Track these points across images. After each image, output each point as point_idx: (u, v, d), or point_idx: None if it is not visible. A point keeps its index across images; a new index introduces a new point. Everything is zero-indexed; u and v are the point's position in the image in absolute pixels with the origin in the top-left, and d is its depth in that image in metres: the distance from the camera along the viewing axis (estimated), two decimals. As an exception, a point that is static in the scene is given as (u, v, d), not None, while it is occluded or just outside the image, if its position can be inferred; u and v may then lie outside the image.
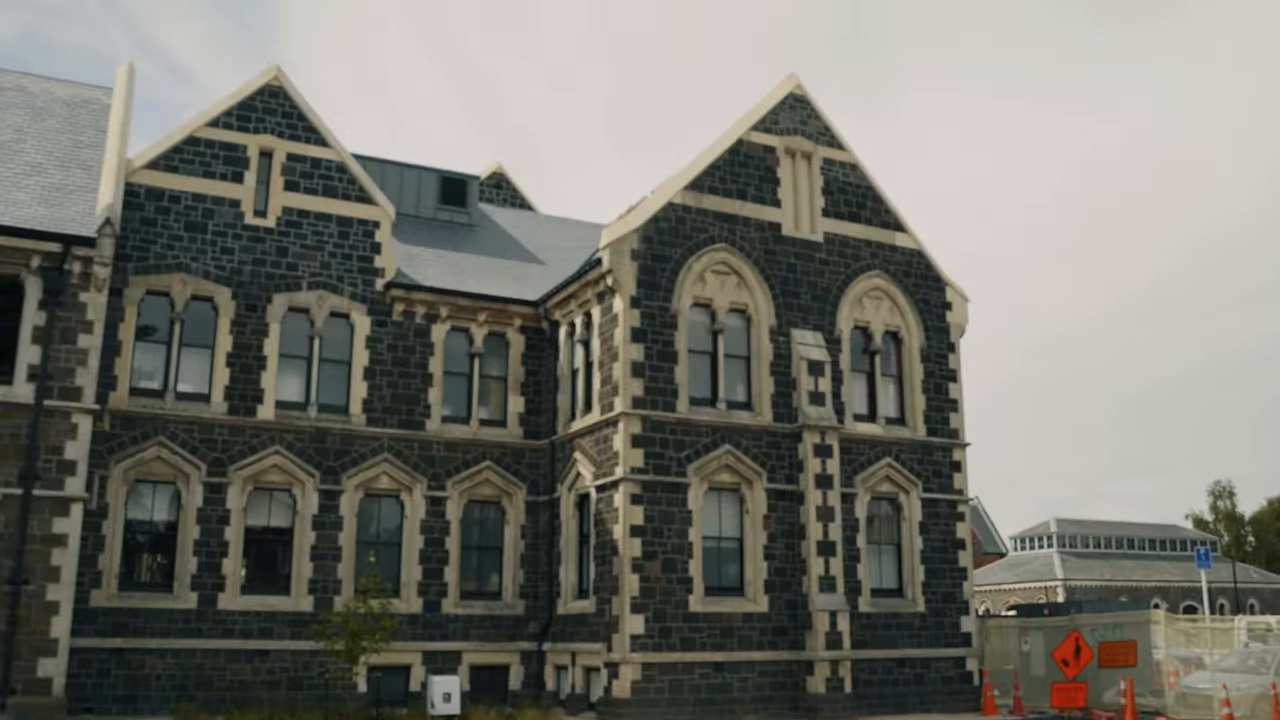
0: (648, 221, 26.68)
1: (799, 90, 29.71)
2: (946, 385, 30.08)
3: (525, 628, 28.34)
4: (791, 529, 26.76)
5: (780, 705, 25.57)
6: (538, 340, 30.09)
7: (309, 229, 27.99)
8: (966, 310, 30.93)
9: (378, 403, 27.85)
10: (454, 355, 29.15)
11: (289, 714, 22.25)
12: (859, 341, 29.33)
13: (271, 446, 26.50)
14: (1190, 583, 74.28)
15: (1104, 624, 28.64)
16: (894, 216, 30.36)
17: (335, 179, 28.58)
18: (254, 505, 26.47)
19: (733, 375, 27.37)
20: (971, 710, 27.62)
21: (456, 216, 34.49)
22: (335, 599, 26.09)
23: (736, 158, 28.30)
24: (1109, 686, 26.60)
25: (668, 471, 25.54)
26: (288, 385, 27.27)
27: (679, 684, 24.56)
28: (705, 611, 25.31)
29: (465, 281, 29.92)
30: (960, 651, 28.56)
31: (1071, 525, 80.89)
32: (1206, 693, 25.21)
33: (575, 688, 26.47)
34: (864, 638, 27.06)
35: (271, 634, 25.69)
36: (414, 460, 27.92)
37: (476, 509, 28.83)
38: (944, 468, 29.51)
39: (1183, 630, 28.78)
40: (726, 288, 27.47)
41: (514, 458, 29.16)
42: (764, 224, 28.19)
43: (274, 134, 28.12)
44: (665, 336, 26.25)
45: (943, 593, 28.71)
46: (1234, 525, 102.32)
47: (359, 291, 28.18)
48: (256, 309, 27.07)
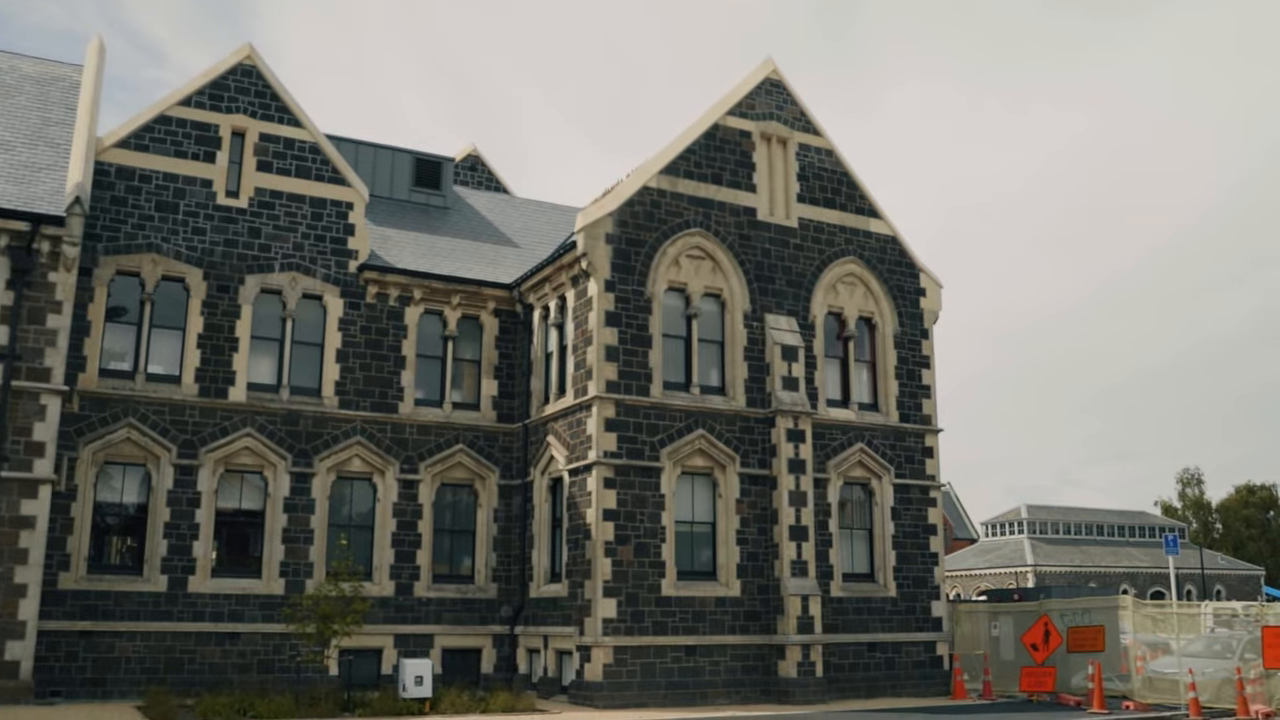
0: (623, 205, 26.61)
1: (775, 75, 29.67)
2: (919, 371, 30.18)
3: (497, 611, 28.32)
4: (764, 514, 26.82)
5: (751, 689, 25.66)
6: (511, 323, 30.01)
7: (282, 210, 27.79)
8: (940, 297, 31.02)
9: (350, 385, 27.72)
10: (427, 338, 29.04)
11: (260, 697, 22.12)
12: (833, 327, 29.38)
13: (243, 429, 26.35)
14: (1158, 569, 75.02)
15: (1073, 609, 28.87)
16: (869, 202, 30.39)
17: (308, 160, 28.37)
18: (225, 488, 26.32)
19: (707, 360, 27.37)
20: (941, 694, 27.80)
21: (431, 199, 34.32)
22: (307, 582, 26.00)
23: (712, 142, 28.25)
24: (1077, 671, 26.85)
25: (641, 456, 25.54)
26: (259, 367, 27.11)
27: (651, 668, 24.61)
28: (677, 595, 25.35)
29: (439, 264, 29.79)
30: (931, 636, 28.73)
31: (1042, 512, 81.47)
32: (1172, 677, 25.47)
33: (547, 671, 26.50)
34: (835, 622, 27.18)
35: (242, 617, 25.59)
36: (386, 443, 27.82)
37: (449, 492, 28.77)
38: (916, 454, 29.63)
39: (1150, 615, 29.00)
40: (701, 272, 27.45)
41: (487, 441, 29.10)
42: (739, 209, 28.17)
43: (247, 114, 27.87)
44: (639, 321, 26.21)
45: (914, 578, 28.86)
46: (1202, 512, 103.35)
47: (332, 273, 28.01)
48: (228, 290, 26.87)
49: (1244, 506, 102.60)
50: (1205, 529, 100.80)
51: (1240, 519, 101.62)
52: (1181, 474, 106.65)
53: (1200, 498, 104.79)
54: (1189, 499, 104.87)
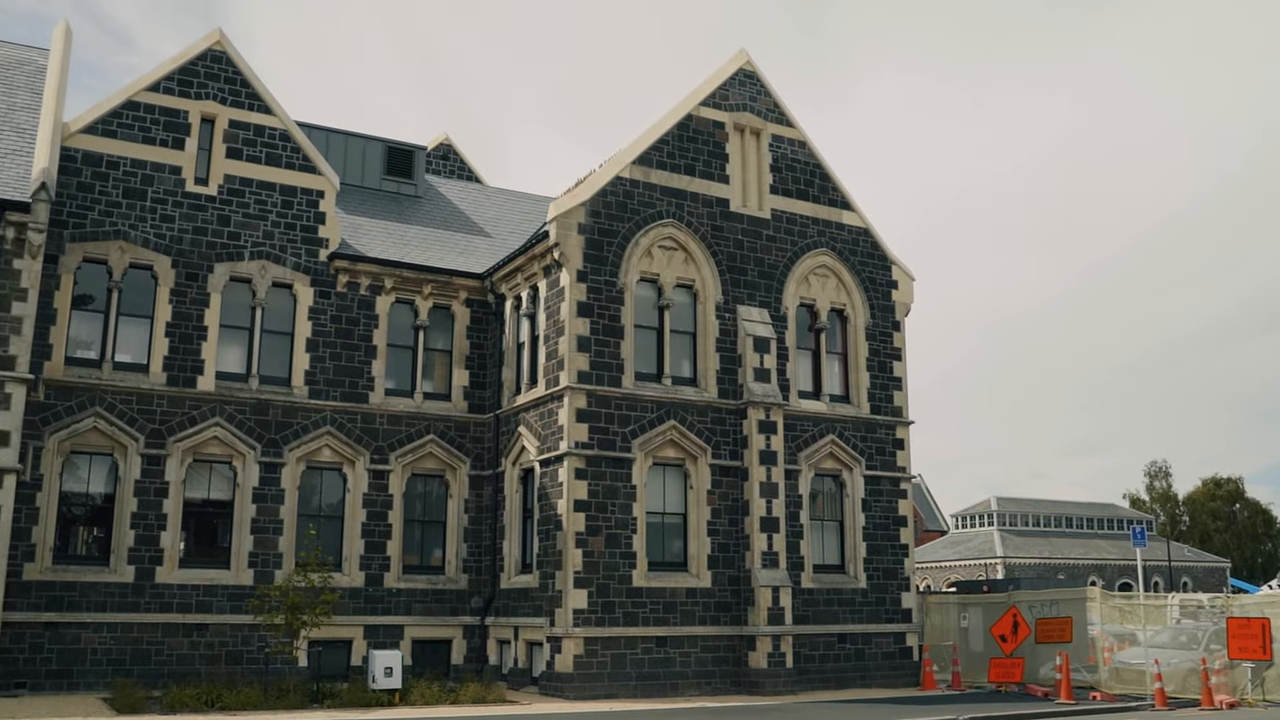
0: (595, 195, 26.54)
1: (749, 66, 29.63)
2: (891, 363, 30.26)
3: (468, 602, 28.24)
4: (735, 505, 26.83)
5: (722, 680, 25.69)
6: (483, 313, 29.88)
7: (251, 198, 27.56)
8: (912, 289, 31.11)
9: (320, 375, 27.54)
10: (398, 327, 28.88)
11: (228, 688, 21.98)
12: (805, 319, 29.40)
13: (212, 418, 26.14)
14: (1126, 561, 75.59)
15: (1041, 601, 29.08)
16: (841, 194, 30.42)
17: (279, 147, 28.13)
18: (193, 478, 26.11)
19: (678, 351, 27.34)
20: (911, 685, 27.91)
21: (402, 187, 34.12)
22: (276, 573, 25.85)
23: (685, 133, 28.20)
24: (1045, 662, 27.02)
25: (612, 446, 25.49)
26: (228, 356, 26.89)
27: (621, 659, 24.60)
28: (648, 586, 25.34)
29: (410, 253, 29.64)
30: (901, 627, 28.84)
31: (1012, 504, 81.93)
32: (1139, 668, 25.69)
33: (518, 662, 26.44)
34: (806, 613, 27.24)
35: (210, 608, 25.40)
36: (357, 433, 27.67)
37: (420, 483, 28.65)
38: (887, 445, 29.71)
39: (1117, 607, 29.21)
40: (673, 263, 27.41)
41: (458, 431, 28.98)
42: (712, 200, 28.14)
43: (216, 100, 27.61)
44: (611, 311, 26.15)
45: (884, 569, 28.95)
46: (1169, 505, 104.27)
47: (302, 262, 27.80)
48: (197, 278, 26.63)
49: (1210, 499, 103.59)
50: (1172, 522, 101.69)
51: (1207, 512, 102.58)
52: (1149, 467, 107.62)
53: (1168, 490, 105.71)
54: (1156, 492, 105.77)
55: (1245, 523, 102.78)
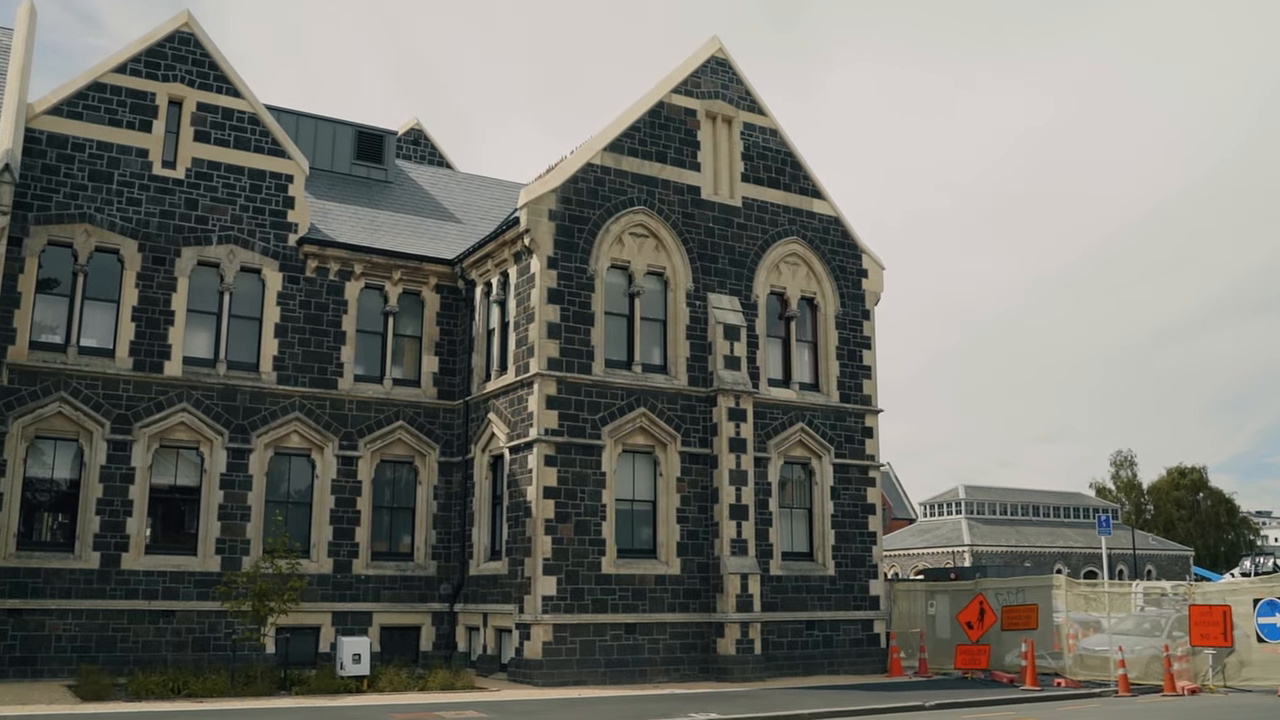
0: (566, 182, 26.48)
1: (721, 54, 29.61)
2: (861, 352, 30.36)
3: (437, 589, 28.20)
4: (705, 492, 26.89)
5: (691, 667, 25.77)
6: (453, 300, 29.78)
7: (220, 181, 27.33)
8: (882, 278, 31.21)
9: (289, 360, 27.38)
10: (368, 313, 28.74)
11: (194, 675, 21.86)
12: (775, 307, 29.46)
13: (179, 404, 25.95)
14: (1092, 549, 76.32)
15: (1007, 588, 29.32)
16: (812, 183, 30.47)
17: (248, 131, 27.91)
18: (160, 463, 25.92)
19: (649, 338, 27.35)
20: (878, 672, 28.09)
21: (372, 172, 33.92)
22: (244, 559, 25.72)
23: (657, 120, 28.16)
24: (1011, 649, 27.26)
25: (582, 434, 25.49)
26: (196, 341, 26.69)
27: (590, 645, 24.64)
28: (618, 573, 25.38)
29: (380, 239, 29.49)
30: (868, 614, 29.01)
31: (979, 492, 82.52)
32: (1103, 654, 25.96)
33: (487, 649, 26.44)
34: (774, 600, 27.36)
35: (177, 594, 25.25)
36: (325, 419, 27.54)
37: (389, 469, 28.56)
38: (856, 434, 29.84)
39: (1082, 594, 29.49)
40: (644, 250, 27.40)
41: (427, 418, 28.90)
42: (683, 187, 28.13)
43: (184, 82, 27.34)
44: (582, 298, 26.12)
45: (852, 557, 29.10)
46: (1134, 494, 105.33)
47: (271, 247, 27.61)
48: (164, 262, 26.40)
49: (1175, 488, 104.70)
50: (1137, 510, 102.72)
51: (1171, 500, 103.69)
52: (1115, 456, 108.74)
53: (1133, 479, 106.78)
54: (1122, 481, 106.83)
55: (1208, 512, 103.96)
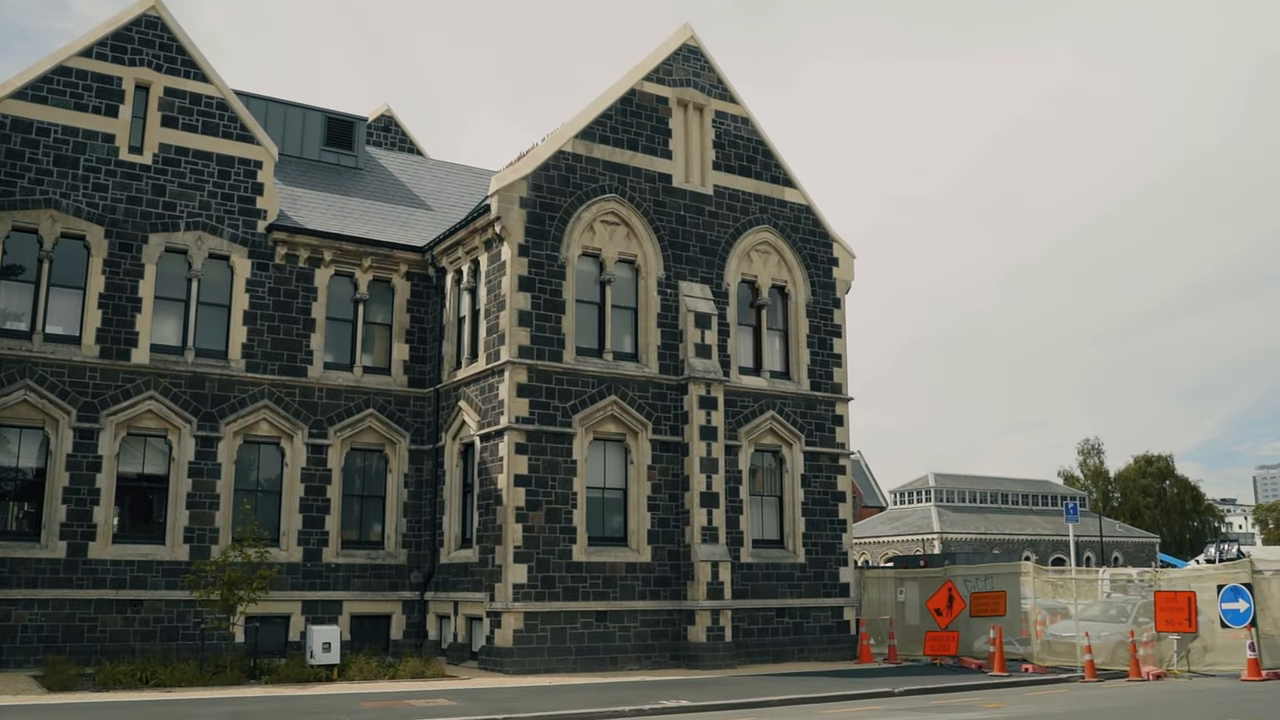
0: (537, 169, 26.40)
1: (693, 42, 29.57)
2: (831, 340, 30.45)
3: (407, 577, 28.13)
4: (676, 480, 26.93)
5: (661, 654, 25.83)
6: (424, 287, 29.65)
7: (187, 167, 27.08)
8: (853, 267, 31.30)
9: (258, 348, 27.21)
10: (337, 301, 28.58)
11: (163, 665, 21.75)
12: (746, 295, 29.50)
13: (146, 391, 25.74)
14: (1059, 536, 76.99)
15: (976, 575, 29.53)
16: (784, 171, 30.50)
17: (216, 116, 27.66)
18: (127, 452, 25.71)
19: (620, 326, 27.33)
20: (848, 659, 28.24)
21: (342, 159, 33.70)
22: (212, 548, 25.55)
23: (629, 108, 28.11)
24: (980, 635, 27.45)
25: (553, 421, 25.47)
26: (164, 328, 26.47)
27: (561, 633, 24.65)
28: (588, 561, 25.39)
29: (350, 225, 29.32)
30: (838, 601, 29.15)
31: (949, 480, 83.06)
32: (1070, 641, 26.19)
33: (458, 637, 26.41)
34: (745, 588, 27.44)
35: (145, 584, 25.08)
36: (295, 407, 27.39)
37: (359, 457, 28.44)
38: (827, 422, 29.94)
39: (1050, 581, 29.72)
40: (616, 238, 27.36)
41: (398, 406, 28.79)
42: (654, 175, 28.10)
43: (151, 67, 27.05)
44: (553, 286, 26.07)
45: (823, 544, 29.23)
46: (1101, 482, 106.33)
47: (239, 233, 27.40)
48: (131, 249, 26.15)
49: (1141, 476, 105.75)
50: (1105, 498, 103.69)
51: (1138, 488, 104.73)
52: (1083, 445, 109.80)
53: (1100, 467, 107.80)
54: (1089, 469, 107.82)
55: (1174, 499, 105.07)
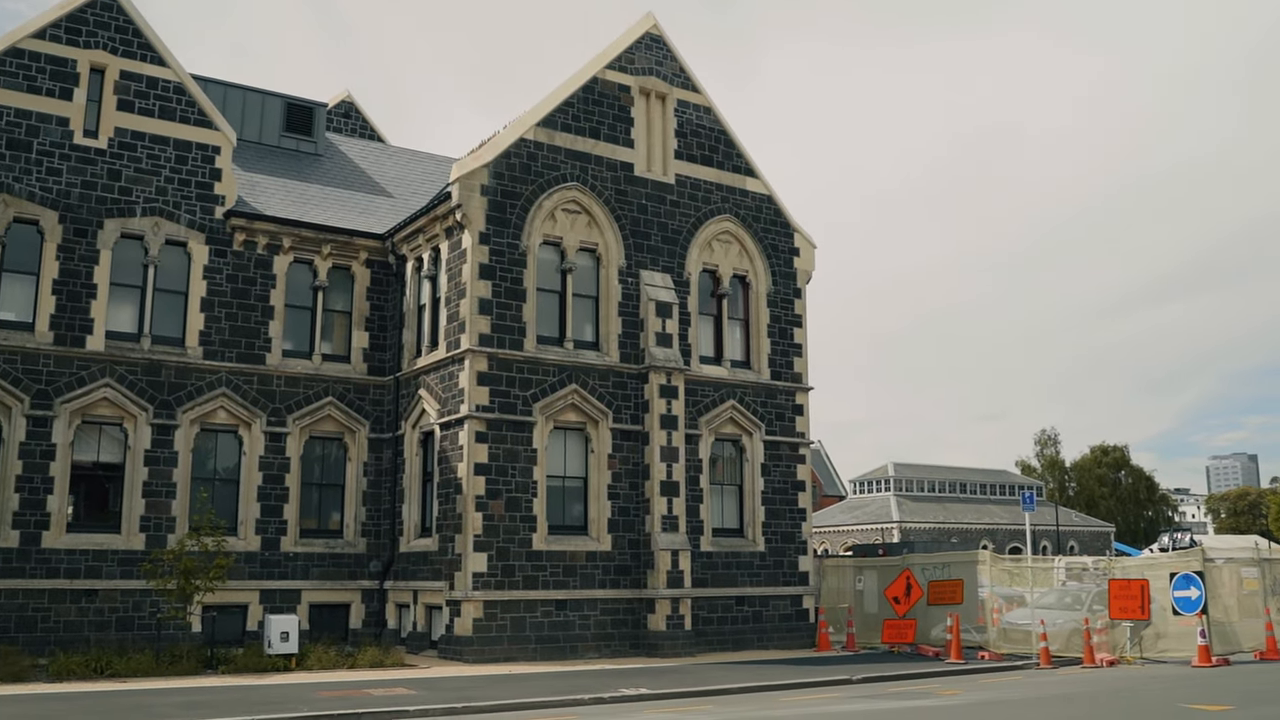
0: (499, 157, 26.30)
1: (655, 30, 29.54)
2: (792, 330, 30.57)
3: (367, 566, 28.00)
4: (636, 469, 26.96)
5: (621, 643, 25.88)
6: (384, 274, 29.49)
7: (144, 152, 26.76)
8: (814, 257, 31.41)
9: (215, 335, 26.96)
10: (296, 288, 28.36)
11: (118, 655, 21.55)
12: (707, 284, 29.54)
13: (101, 379, 25.45)
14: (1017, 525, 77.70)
15: (934, 564, 29.78)
16: (745, 161, 30.55)
17: (173, 100, 27.34)
18: (82, 439, 25.42)
19: (581, 315, 27.31)
20: (807, 647, 28.40)
21: (302, 145, 33.41)
22: (169, 537, 25.33)
23: (591, 96, 28.04)
24: (937, 623, 27.69)
25: (513, 410, 25.42)
26: (119, 315, 26.17)
27: (521, 622, 24.65)
28: (549, 550, 25.39)
29: (309, 212, 29.09)
30: (798, 590, 29.30)
31: (908, 470, 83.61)
32: (1026, 628, 26.45)
33: (417, 626, 26.33)
34: (705, 577, 27.53)
35: (100, 573, 24.82)
36: (253, 395, 27.17)
37: (318, 445, 28.26)
38: (787, 411, 30.06)
39: (1006, 569, 29.98)
40: (577, 227, 27.32)
41: (358, 394, 28.63)
42: (616, 164, 28.06)
43: (107, 49, 26.69)
44: (514, 274, 26.00)
45: (782, 533, 29.36)
46: (1057, 471, 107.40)
47: (197, 219, 27.12)
48: (86, 234, 25.82)
49: (1097, 466, 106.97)
50: (1061, 488, 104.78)
51: (1093, 478, 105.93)
52: (1039, 435, 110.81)
53: (1056, 458, 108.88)
54: (1046, 459, 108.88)
55: (1129, 489, 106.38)
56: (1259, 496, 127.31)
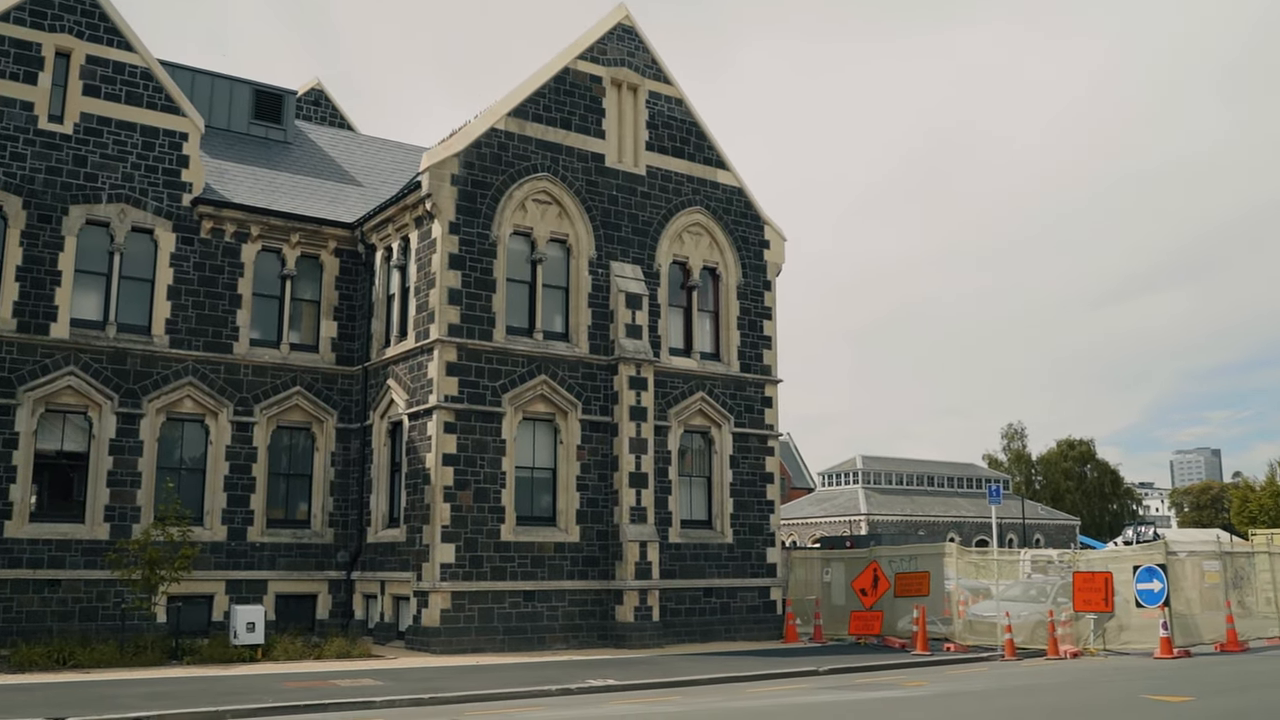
0: (469, 146, 26.20)
1: (628, 21, 29.48)
2: (761, 322, 30.62)
3: (334, 556, 27.89)
4: (605, 460, 26.96)
5: (589, 634, 25.90)
6: (353, 264, 29.33)
7: (110, 138, 26.48)
8: (784, 249, 31.48)
9: (182, 324, 26.74)
10: (264, 277, 28.16)
11: (81, 646, 21.37)
12: (677, 276, 29.55)
13: (66, 367, 25.20)
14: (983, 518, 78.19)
15: (901, 556, 29.93)
16: (717, 153, 30.56)
17: (140, 86, 27.06)
18: (46, 428, 25.16)
19: (551, 306, 27.27)
20: (774, 638, 28.50)
21: (271, 133, 33.15)
22: (134, 527, 25.13)
23: (562, 86, 27.98)
24: (904, 615, 27.83)
25: (482, 400, 25.36)
26: (84, 303, 25.91)
27: (489, 613, 24.62)
28: (517, 541, 25.37)
29: (278, 200, 28.89)
30: (765, 582, 29.40)
31: (876, 463, 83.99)
32: (991, 620, 26.65)
33: (384, 617, 26.26)
34: (673, 568, 27.57)
35: (64, 563, 24.59)
36: (220, 384, 26.98)
37: (285, 435, 28.11)
38: (756, 403, 30.13)
39: (973, 562, 30.20)
40: (547, 217, 27.26)
41: (325, 383, 28.48)
42: (587, 154, 28.02)
43: (72, 33, 26.37)
44: (484, 264, 25.92)
45: (750, 525, 29.44)
46: (1024, 465, 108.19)
47: (164, 206, 26.88)
48: (51, 220, 25.54)
49: (1063, 460, 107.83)
50: (1028, 481, 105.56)
51: (1060, 472, 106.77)
52: (1006, 429, 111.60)
53: (1022, 451, 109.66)
54: (1013, 453, 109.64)
55: (1095, 483, 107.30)
56: (1222, 490, 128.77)
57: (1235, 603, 28.02)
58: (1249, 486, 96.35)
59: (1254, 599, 30.22)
